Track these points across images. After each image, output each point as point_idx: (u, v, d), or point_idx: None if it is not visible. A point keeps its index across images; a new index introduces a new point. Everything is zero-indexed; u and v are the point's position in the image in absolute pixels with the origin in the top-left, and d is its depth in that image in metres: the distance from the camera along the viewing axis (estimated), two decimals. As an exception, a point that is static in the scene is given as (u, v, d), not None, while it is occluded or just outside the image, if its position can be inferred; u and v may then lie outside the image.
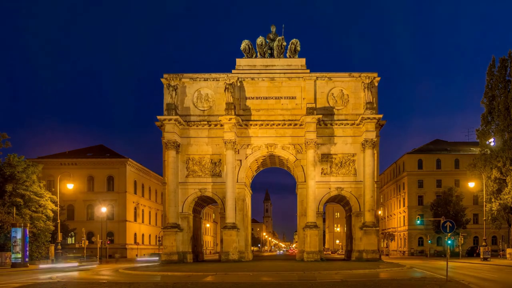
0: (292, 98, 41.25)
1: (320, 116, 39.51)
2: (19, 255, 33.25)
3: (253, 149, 41.15)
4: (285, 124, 40.63)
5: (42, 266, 34.23)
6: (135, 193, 65.64)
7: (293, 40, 42.01)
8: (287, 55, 42.15)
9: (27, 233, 34.09)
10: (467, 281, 17.42)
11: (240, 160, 40.96)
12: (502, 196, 41.53)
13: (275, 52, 42.21)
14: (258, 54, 42.12)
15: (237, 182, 40.65)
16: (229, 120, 38.84)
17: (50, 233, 41.05)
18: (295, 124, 40.43)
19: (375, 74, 40.43)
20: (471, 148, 64.51)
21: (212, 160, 41.10)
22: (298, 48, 42.05)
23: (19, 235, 33.25)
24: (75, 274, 26.48)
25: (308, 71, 41.46)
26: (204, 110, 41.17)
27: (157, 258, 43.89)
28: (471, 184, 45.96)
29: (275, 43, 42.10)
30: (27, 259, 33.98)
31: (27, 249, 34.03)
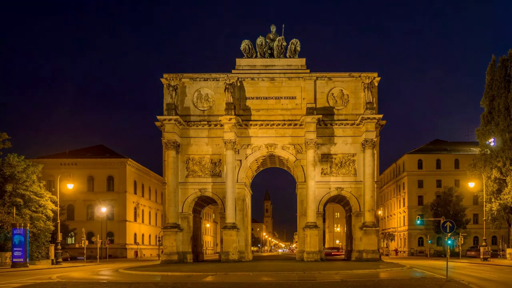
0: (292, 98, 41.23)
1: (320, 116, 39.49)
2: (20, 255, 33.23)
3: (253, 149, 41.13)
4: (285, 124, 40.61)
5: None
6: (135, 193, 65.65)
7: (293, 40, 41.98)
8: (287, 55, 42.12)
9: (27, 233, 34.04)
10: (467, 281, 17.43)
11: (240, 160, 40.94)
12: (502, 196, 41.53)
13: (275, 52, 42.18)
14: (258, 54, 42.08)
15: (237, 182, 40.63)
16: (229, 120, 38.83)
17: (50, 233, 41.00)
18: (295, 124, 40.42)
19: (375, 74, 40.41)
20: (471, 148, 64.54)
21: (212, 160, 41.09)
22: (298, 48, 42.02)
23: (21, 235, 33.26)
24: (74, 274, 26.47)
25: (308, 71, 41.45)
26: (204, 110, 41.16)
27: None
28: (471, 184, 45.94)
29: (275, 43, 42.06)
30: (27, 259, 33.93)
31: (27, 249, 33.97)
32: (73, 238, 59.41)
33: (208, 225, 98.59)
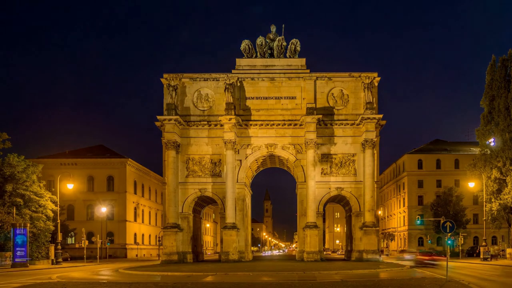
0: (292, 98, 41.24)
1: (320, 116, 39.49)
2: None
3: (253, 149, 41.14)
4: (285, 124, 40.62)
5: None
6: (135, 193, 65.65)
7: (293, 40, 41.99)
8: (287, 55, 42.12)
9: (27, 233, 34.03)
10: (467, 281, 17.44)
11: (240, 160, 40.95)
12: (502, 196, 41.48)
13: (275, 52, 42.18)
14: (258, 54, 42.09)
15: (237, 182, 40.64)
16: (229, 120, 38.83)
17: (50, 233, 40.97)
18: (295, 124, 40.42)
19: (375, 74, 40.42)
20: (471, 148, 64.55)
21: (212, 160, 41.09)
22: (298, 48, 42.02)
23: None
24: (74, 274, 26.47)
25: (308, 71, 41.45)
26: (204, 110, 41.17)
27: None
28: (471, 184, 45.92)
29: (275, 43, 42.07)
30: (27, 259, 33.92)
31: (27, 249, 33.95)
32: (73, 238, 59.41)
33: (208, 225, 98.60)
